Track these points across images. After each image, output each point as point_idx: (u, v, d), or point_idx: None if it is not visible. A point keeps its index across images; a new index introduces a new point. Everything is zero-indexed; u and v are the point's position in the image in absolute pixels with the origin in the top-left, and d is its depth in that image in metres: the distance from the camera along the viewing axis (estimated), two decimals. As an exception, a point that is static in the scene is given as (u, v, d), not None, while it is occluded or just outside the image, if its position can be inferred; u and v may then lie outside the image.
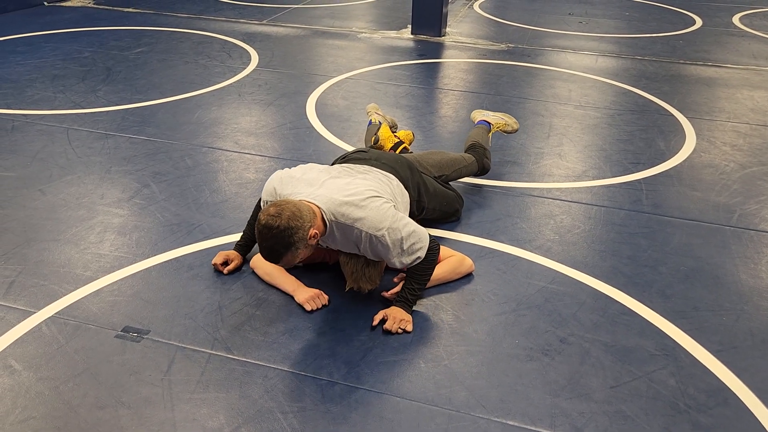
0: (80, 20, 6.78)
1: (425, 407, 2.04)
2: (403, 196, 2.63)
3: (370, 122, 3.62)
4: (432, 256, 2.42)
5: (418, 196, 2.75)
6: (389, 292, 2.51)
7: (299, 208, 2.18)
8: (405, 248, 2.32)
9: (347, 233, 2.31)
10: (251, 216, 2.73)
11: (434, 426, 1.98)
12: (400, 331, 2.34)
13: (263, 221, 2.15)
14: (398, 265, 2.37)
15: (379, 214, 2.30)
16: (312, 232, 2.20)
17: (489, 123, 3.56)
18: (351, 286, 2.47)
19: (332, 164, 2.71)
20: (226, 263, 2.67)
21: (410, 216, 2.75)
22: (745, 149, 4.05)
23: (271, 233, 2.13)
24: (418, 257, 2.36)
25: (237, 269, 2.68)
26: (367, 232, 2.28)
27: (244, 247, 2.72)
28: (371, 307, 2.50)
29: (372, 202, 2.34)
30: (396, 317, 2.36)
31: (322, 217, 2.28)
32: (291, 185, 2.41)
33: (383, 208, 2.34)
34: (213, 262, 2.68)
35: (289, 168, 2.55)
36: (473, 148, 3.32)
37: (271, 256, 2.19)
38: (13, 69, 5.13)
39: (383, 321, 2.38)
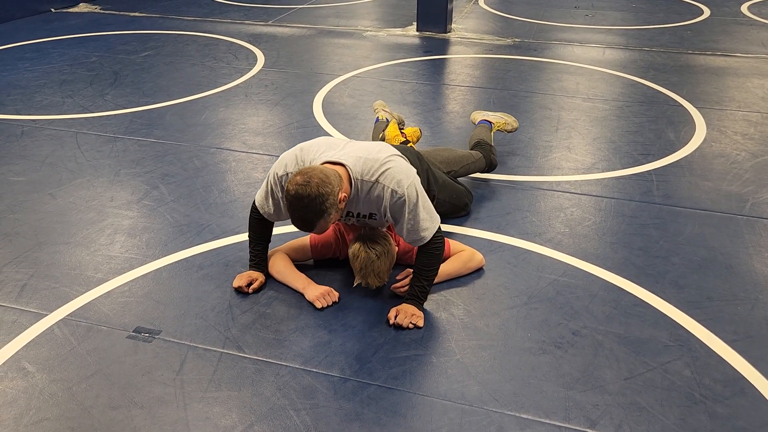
0: (87, 26, 6.82)
1: (438, 402, 2.03)
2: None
3: (378, 119, 3.62)
4: (437, 249, 2.39)
5: (428, 185, 2.74)
6: (397, 285, 2.51)
7: (326, 174, 2.16)
8: (419, 217, 2.31)
9: (371, 191, 2.30)
10: (250, 230, 2.59)
11: (447, 420, 1.97)
12: (411, 326, 2.34)
13: (293, 191, 2.12)
14: (404, 235, 2.35)
15: (402, 171, 2.31)
16: (341, 195, 2.19)
17: (490, 122, 3.56)
18: (359, 282, 2.46)
19: None
20: (249, 284, 2.54)
21: None
22: (757, 138, 4.01)
23: (303, 203, 2.12)
24: (424, 237, 2.34)
25: (262, 287, 2.57)
26: (389, 188, 2.27)
27: (260, 265, 2.58)
28: (382, 303, 2.49)
29: (396, 158, 2.36)
30: (408, 312, 2.35)
31: (349, 177, 2.27)
32: (313, 151, 2.38)
33: (406, 165, 2.36)
34: (236, 285, 2.52)
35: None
36: (479, 145, 3.31)
37: (305, 225, 2.18)
38: (21, 75, 5.16)
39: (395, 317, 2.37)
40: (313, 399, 2.04)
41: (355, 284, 2.49)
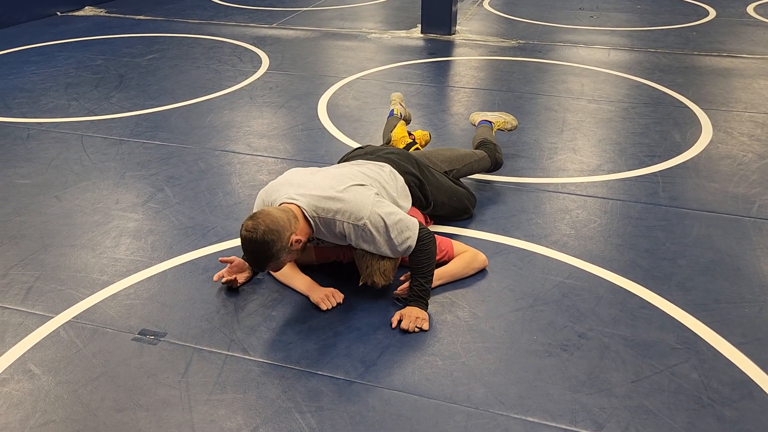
0: (92, 29, 6.84)
1: (443, 405, 2.03)
2: (397, 182, 2.64)
3: (392, 112, 3.64)
4: (426, 246, 2.39)
5: (420, 184, 2.74)
6: (399, 289, 2.49)
7: (276, 220, 2.20)
8: (393, 236, 2.32)
9: (331, 227, 2.33)
10: None
11: (453, 423, 1.96)
12: (416, 329, 2.33)
13: (243, 233, 2.21)
14: (390, 254, 2.37)
15: (359, 203, 2.31)
16: (293, 238, 2.23)
17: (490, 122, 3.55)
18: (364, 281, 2.46)
19: None
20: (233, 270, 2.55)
21: (418, 208, 2.75)
22: (764, 139, 3.99)
23: (251, 247, 2.20)
24: (409, 246, 2.36)
25: (249, 280, 2.61)
26: (348, 223, 2.30)
27: None
28: (387, 305, 2.48)
29: (351, 190, 2.35)
30: (411, 316, 2.35)
31: (304, 216, 2.30)
32: (275, 191, 2.44)
33: (362, 194, 2.35)
34: (225, 280, 2.53)
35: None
36: (483, 145, 3.30)
37: (256, 265, 2.27)
38: (27, 78, 5.18)
39: (400, 321, 2.36)
40: (318, 402, 2.04)
41: (360, 283, 2.48)
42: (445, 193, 2.88)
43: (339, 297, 2.48)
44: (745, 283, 2.61)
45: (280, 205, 2.35)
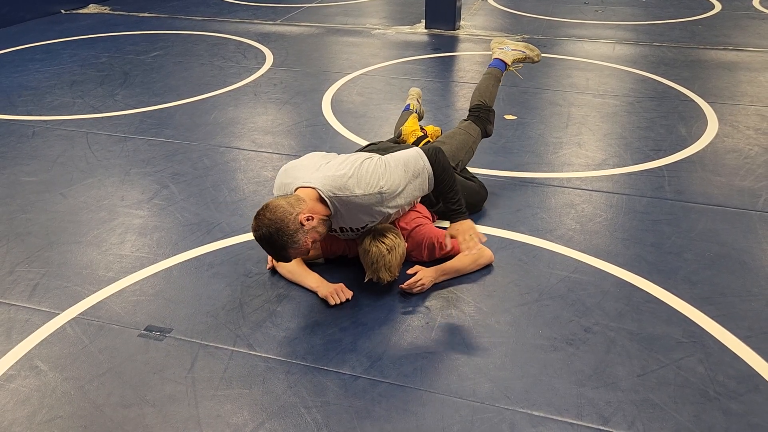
0: (97, 26, 6.86)
1: (449, 399, 2.03)
2: None
3: (408, 106, 3.64)
4: (437, 164, 2.39)
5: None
6: (407, 283, 2.49)
7: (274, 210, 2.20)
8: (411, 176, 2.35)
9: (351, 205, 2.32)
10: None
11: (459, 418, 1.96)
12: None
13: (253, 234, 2.24)
14: (423, 193, 2.42)
15: (374, 174, 2.31)
16: (302, 217, 2.22)
17: (504, 64, 3.40)
18: (370, 277, 2.46)
19: None
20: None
21: (428, 206, 2.75)
22: (770, 132, 3.97)
23: (263, 242, 2.23)
24: (426, 176, 2.37)
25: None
26: (369, 195, 2.29)
27: None
28: (392, 300, 2.48)
29: (363, 166, 2.34)
30: (465, 232, 2.40)
31: (321, 197, 2.29)
32: (291, 175, 2.44)
33: (373, 165, 2.35)
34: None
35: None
36: (477, 112, 3.22)
37: (279, 257, 2.28)
38: (32, 76, 5.20)
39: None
40: (324, 397, 2.04)
41: (366, 279, 2.49)
42: None
43: (348, 293, 2.48)
44: (751, 276, 2.60)
45: (295, 190, 2.34)
